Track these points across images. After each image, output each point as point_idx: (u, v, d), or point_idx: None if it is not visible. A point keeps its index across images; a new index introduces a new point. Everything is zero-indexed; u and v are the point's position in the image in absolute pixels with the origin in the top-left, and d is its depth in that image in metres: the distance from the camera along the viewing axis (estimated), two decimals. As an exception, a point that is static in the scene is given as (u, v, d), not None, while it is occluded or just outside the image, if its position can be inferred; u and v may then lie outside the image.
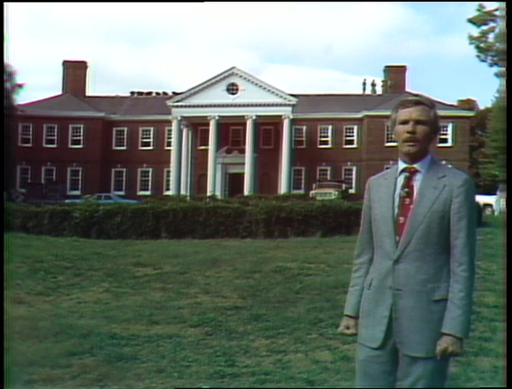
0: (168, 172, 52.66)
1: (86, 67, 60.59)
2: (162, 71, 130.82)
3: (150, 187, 55.33)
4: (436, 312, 2.95)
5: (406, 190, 3.06)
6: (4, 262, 10.47)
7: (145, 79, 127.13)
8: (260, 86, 50.87)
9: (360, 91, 65.19)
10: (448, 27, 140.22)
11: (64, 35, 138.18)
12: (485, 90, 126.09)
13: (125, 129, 56.14)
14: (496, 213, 34.46)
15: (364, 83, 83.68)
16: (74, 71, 59.16)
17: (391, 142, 42.96)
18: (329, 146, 54.39)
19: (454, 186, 2.98)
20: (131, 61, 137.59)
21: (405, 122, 3.04)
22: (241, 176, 50.92)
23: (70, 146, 54.99)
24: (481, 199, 33.90)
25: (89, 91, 60.65)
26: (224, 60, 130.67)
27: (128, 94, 62.33)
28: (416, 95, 3.22)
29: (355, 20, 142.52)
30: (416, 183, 3.05)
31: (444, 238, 2.99)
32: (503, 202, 32.92)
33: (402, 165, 3.12)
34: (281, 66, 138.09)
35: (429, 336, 2.94)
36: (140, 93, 62.24)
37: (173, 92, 58.18)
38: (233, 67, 51.45)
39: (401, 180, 3.10)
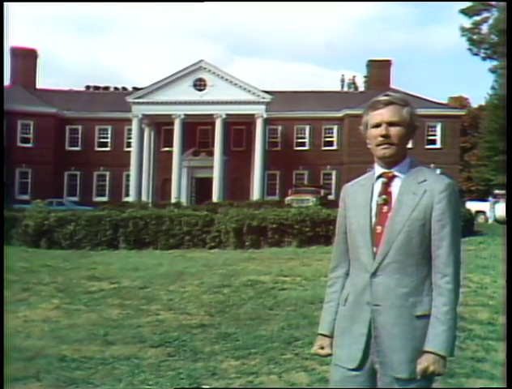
0: (128, 176, 52.33)
1: (36, 56, 60.01)
2: (120, 64, 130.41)
3: (107, 193, 55.04)
4: (418, 329, 2.94)
5: (383, 196, 3.06)
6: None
7: (102, 72, 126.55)
8: (230, 81, 50.78)
9: (339, 88, 65.62)
10: (435, 16, 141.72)
11: (11, 21, 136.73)
12: (478, 86, 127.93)
13: (80, 127, 55.80)
14: (490, 221, 34.85)
15: (343, 80, 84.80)
16: (24, 60, 58.35)
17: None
18: (306, 148, 54.67)
19: (436, 191, 2.97)
20: (87, 52, 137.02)
21: (377, 125, 3.06)
22: (209, 180, 50.77)
23: (18, 144, 54.31)
24: (473, 206, 34.35)
25: (40, 84, 60.38)
26: (184, 51, 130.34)
27: (83, 88, 62.05)
28: (387, 94, 3.21)
29: (329, 8, 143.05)
30: (395, 189, 3.05)
31: (425, 248, 2.98)
32: (500, 208, 33.18)
33: (379, 170, 3.13)
34: (247, 58, 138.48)
35: (412, 355, 2.92)
36: (97, 88, 62.08)
37: (134, 88, 58.11)
38: (201, 60, 51.21)
39: (378, 186, 3.10)
